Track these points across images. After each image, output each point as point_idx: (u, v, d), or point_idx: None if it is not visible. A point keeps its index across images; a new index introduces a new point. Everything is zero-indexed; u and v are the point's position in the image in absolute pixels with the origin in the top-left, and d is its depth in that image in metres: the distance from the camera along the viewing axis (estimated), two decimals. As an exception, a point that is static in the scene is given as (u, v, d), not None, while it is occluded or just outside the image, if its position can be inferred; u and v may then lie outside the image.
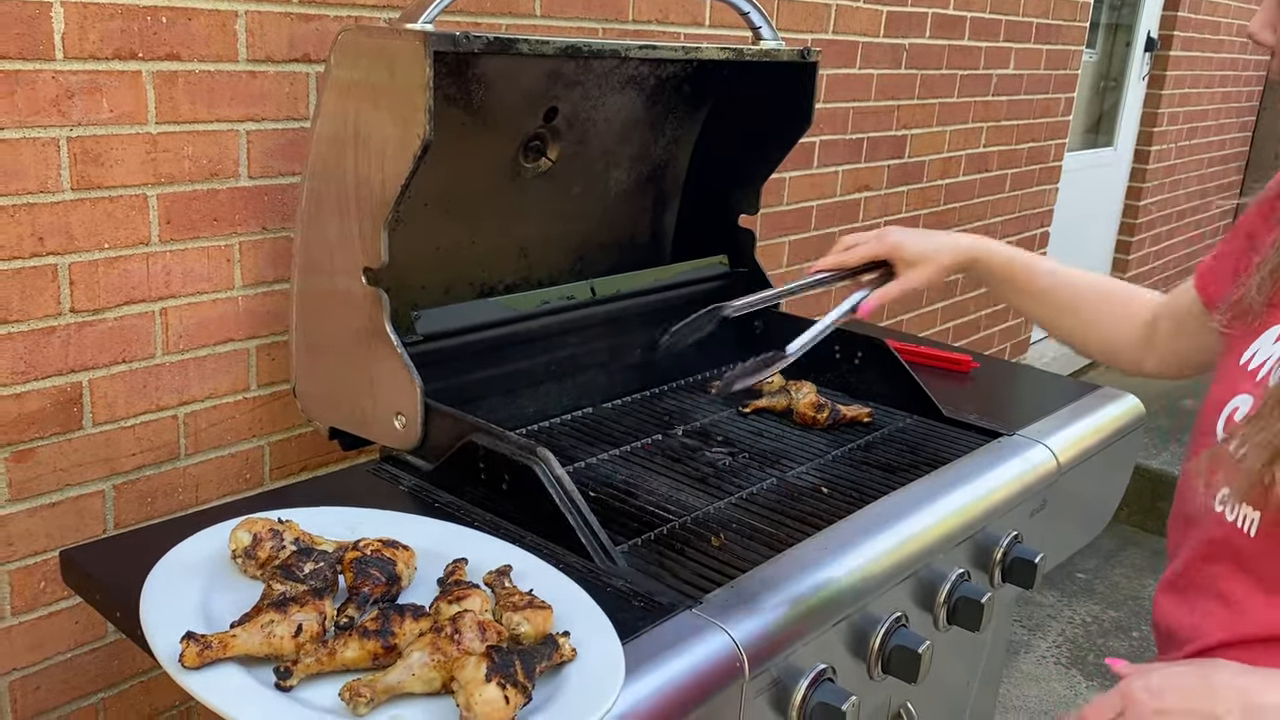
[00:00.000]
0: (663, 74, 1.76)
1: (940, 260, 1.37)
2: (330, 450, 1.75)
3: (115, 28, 1.38)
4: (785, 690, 1.19)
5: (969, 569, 1.48)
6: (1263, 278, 1.07)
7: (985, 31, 3.23)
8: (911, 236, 1.38)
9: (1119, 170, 4.99)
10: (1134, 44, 4.75)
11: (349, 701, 0.92)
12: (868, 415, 1.75)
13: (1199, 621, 1.11)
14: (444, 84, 1.46)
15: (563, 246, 1.83)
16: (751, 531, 1.37)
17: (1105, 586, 3.62)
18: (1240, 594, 1.07)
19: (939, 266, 1.37)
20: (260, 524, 1.12)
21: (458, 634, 0.96)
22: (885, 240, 1.38)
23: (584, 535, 1.26)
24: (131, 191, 1.45)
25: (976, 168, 3.44)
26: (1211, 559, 1.10)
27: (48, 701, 1.53)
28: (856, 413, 1.75)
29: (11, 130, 1.32)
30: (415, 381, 1.37)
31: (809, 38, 2.54)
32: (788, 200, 2.65)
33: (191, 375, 1.57)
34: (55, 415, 1.44)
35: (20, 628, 1.48)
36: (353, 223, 1.37)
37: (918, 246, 1.37)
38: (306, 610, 0.98)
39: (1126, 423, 1.90)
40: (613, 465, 1.57)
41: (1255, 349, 1.07)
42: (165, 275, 1.51)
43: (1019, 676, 3.09)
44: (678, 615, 1.15)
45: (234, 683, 0.93)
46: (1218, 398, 1.09)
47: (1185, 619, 1.14)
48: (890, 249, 1.38)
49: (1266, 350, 1.06)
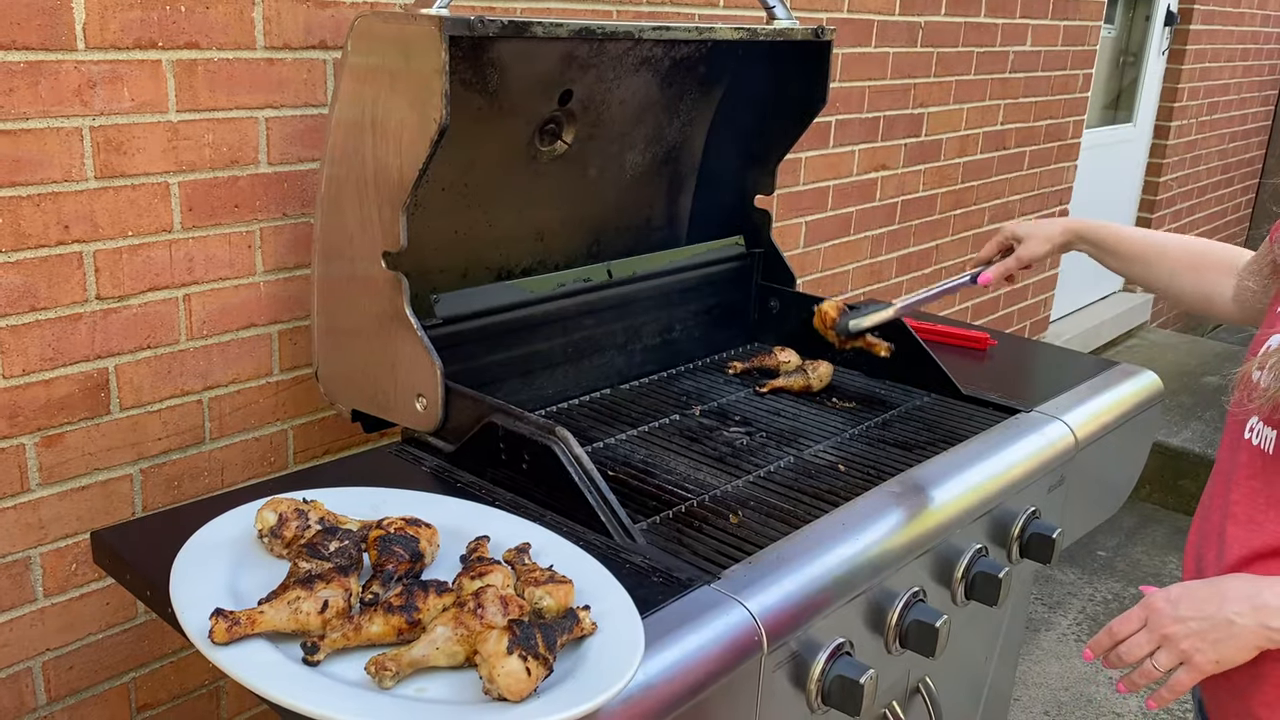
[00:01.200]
0: (677, 55, 1.76)
1: (1047, 232, 1.60)
2: (353, 432, 1.77)
3: (135, 18, 1.40)
4: (804, 663, 1.20)
5: (987, 544, 1.49)
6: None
7: (1002, 8, 3.21)
8: (1023, 222, 1.65)
9: (1139, 147, 4.95)
10: (1153, 18, 4.70)
11: (375, 675, 0.94)
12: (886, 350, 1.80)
13: (1219, 543, 1.20)
14: (460, 68, 1.47)
15: (579, 229, 1.85)
16: (769, 509, 1.39)
17: (1126, 564, 3.62)
18: (1257, 511, 1.15)
19: (1046, 238, 1.60)
20: (286, 504, 1.15)
21: (480, 608, 0.98)
22: (1000, 232, 1.67)
23: (603, 513, 1.27)
24: (154, 179, 1.47)
25: (994, 145, 3.42)
26: (1235, 483, 1.18)
27: (80, 681, 1.56)
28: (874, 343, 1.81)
29: (36, 120, 1.34)
30: (435, 364, 1.39)
31: (824, 16, 2.54)
32: (804, 180, 2.65)
33: (215, 360, 1.59)
34: (83, 400, 1.47)
35: (53, 609, 1.51)
36: (372, 208, 1.38)
37: (1027, 226, 1.63)
38: (332, 587, 1.00)
39: (1145, 398, 1.89)
40: (631, 445, 1.59)
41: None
42: (188, 262, 1.53)
43: (1040, 654, 3.09)
44: (696, 590, 1.16)
45: (262, 658, 0.95)
46: (1260, 337, 1.17)
47: (1208, 546, 1.22)
48: (1006, 235, 1.65)
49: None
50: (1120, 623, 1.17)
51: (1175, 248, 1.51)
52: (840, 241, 2.85)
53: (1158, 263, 1.52)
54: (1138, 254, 1.54)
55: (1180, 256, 1.50)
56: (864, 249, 2.95)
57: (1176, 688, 1.13)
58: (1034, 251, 1.61)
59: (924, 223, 3.18)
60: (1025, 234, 1.62)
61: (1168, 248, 1.52)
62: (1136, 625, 1.15)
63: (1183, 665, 1.13)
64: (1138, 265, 1.54)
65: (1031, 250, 1.61)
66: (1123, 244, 1.56)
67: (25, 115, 1.33)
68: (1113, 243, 1.56)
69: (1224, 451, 1.25)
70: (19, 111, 1.32)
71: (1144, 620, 1.15)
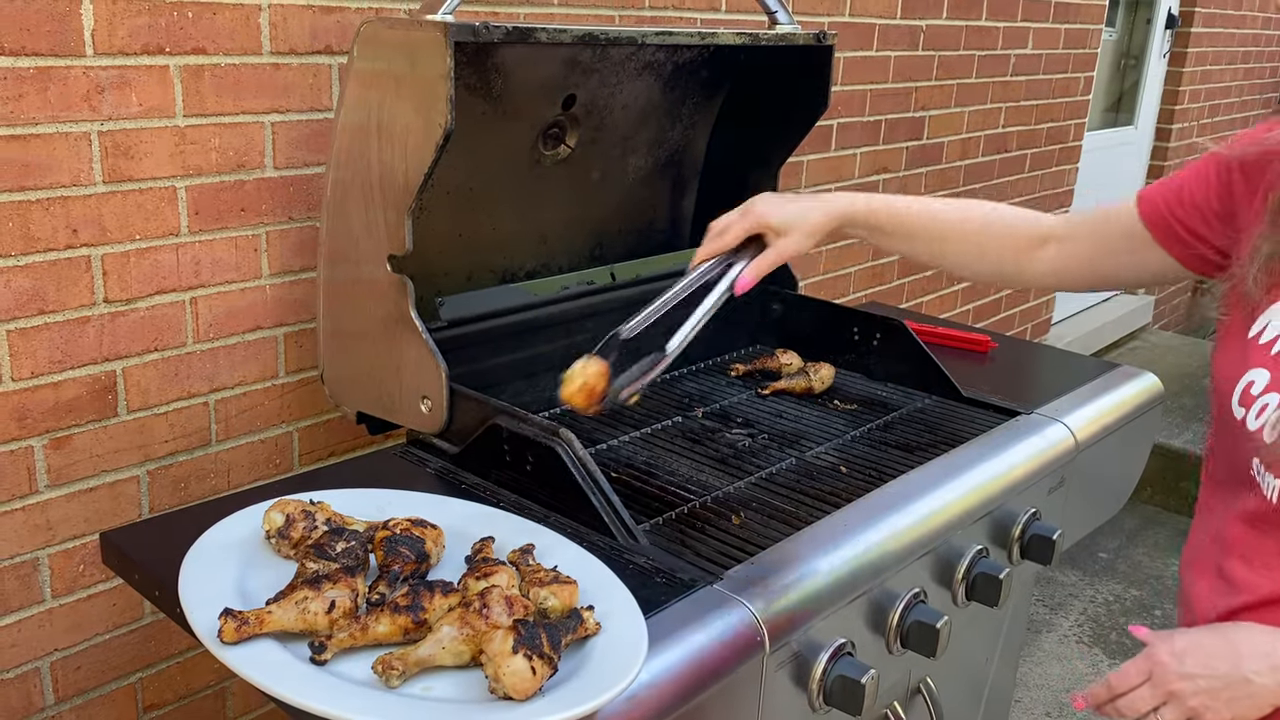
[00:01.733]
0: (679, 60, 1.77)
1: (810, 221, 1.31)
2: (358, 434, 1.78)
3: (143, 23, 1.41)
4: (805, 664, 1.21)
5: (987, 545, 1.50)
6: (1258, 270, 1.08)
7: (1003, 11, 3.22)
8: (776, 204, 1.31)
9: (1140, 149, 4.96)
10: (1154, 21, 4.71)
11: (382, 674, 0.95)
12: None
13: (1222, 587, 1.13)
14: (464, 74, 1.48)
15: (582, 232, 1.86)
16: (771, 510, 1.40)
17: (1127, 566, 3.63)
18: (1265, 554, 1.09)
19: (809, 229, 1.31)
20: (293, 505, 1.16)
21: (486, 608, 0.99)
22: (751, 214, 1.32)
23: (606, 514, 1.29)
24: (161, 183, 1.48)
25: (996, 148, 3.43)
26: (1239, 521, 1.12)
27: (88, 681, 1.57)
28: None
29: (45, 125, 1.35)
30: (440, 366, 1.40)
31: (825, 20, 2.55)
32: (806, 183, 2.66)
33: (221, 363, 1.61)
34: (91, 403, 1.48)
35: (60, 610, 1.52)
36: (377, 211, 1.40)
37: (783, 213, 1.31)
38: (340, 587, 1.01)
39: (1145, 401, 1.90)
40: (634, 447, 1.60)
41: (1265, 322, 1.08)
42: (195, 265, 1.54)
43: (1041, 655, 3.10)
44: (699, 590, 1.17)
45: (271, 657, 0.96)
46: (1228, 375, 1.11)
47: (1211, 584, 1.15)
48: (757, 221, 1.31)
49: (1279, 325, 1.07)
50: (1119, 677, 1.10)
51: (973, 221, 1.35)
52: (842, 244, 2.86)
53: (951, 240, 1.35)
54: (922, 231, 1.34)
55: (978, 230, 1.34)
56: (866, 252, 2.96)
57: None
58: (798, 248, 1.32)
59: (925, 225, 3.18)
60: (782, 224, 1.31)
61: (964, 222, 1.34)
62: (1138, 680, 1.08)
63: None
64: (924, 243, 1.35)
65: (795, 247, 1.31)
66: (904, 223, 1.35)
67: (34, 120, 1.34)
68: (890, 223, 1.34)
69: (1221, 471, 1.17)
70: (28, 116, 1.34)
71: (1147, 674, 1.08)
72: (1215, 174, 1.15)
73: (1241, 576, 1.11)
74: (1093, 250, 1.28)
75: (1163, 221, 1.20)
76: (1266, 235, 1.07)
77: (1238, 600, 1.10)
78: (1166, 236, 1.19)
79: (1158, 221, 1.20)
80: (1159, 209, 1.20)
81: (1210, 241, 1.16)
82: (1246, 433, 1.07)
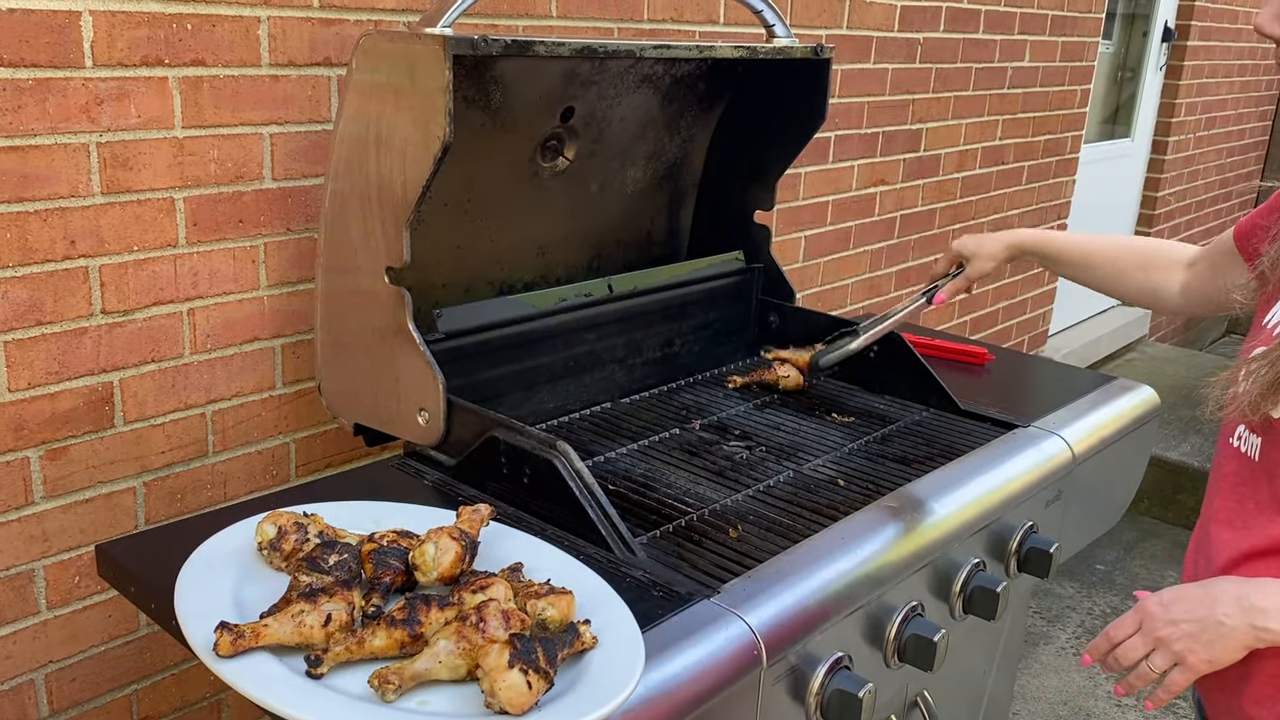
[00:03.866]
0: (678, 73, 1.78)
1: (991, 250, 1.66)
2: (355, 446, 1.78)
3: (142, 35, 1.41)
4: (803, 677, 1.21)
5: (985, 559, 1.50)
6: (1275, 253, 1.20)
7: (1000, 24, 3.24)
8: (970, 239, 1.69)
9: (1137, 161, 4.97)
10: (1151, 34, 4.73)
11: (378, 688, 0.95)
12: None
13: (1209, 547, 1.24)
14: (463, 86, 1.48)
15: (580, 244, 1.86)
16: (769, 523, 1.39)
17: (1125, 578, 3.62)
18: (1245, 514, 1.19)
19: (991, 253, 1.66)
20: (285, 517, 1.15)
21: (483, 622, 0.99)
22: (951, 248, 1.71)
23: (604, 527, 1.28)
24: (159, 195, 1.48)
25: (993, 160, 3.44)
26: (1224, 490, 1.22)
27: (83, 693, 1.57)
28: None
29: (44, 136, 1.36)
30: (438, 378, 1.40)
31: (823, 33, 2.56)
32: (804, 195, 2.66)
33: (219, 374, 1.60)
34: (87, 414, 1.48)
35: (56, 621, 1.52)
36: (375, 223, 1.40)
37: (975, 242, 1.68)
38: (336, 600, 1.01)
39: (1142, 414, 1.91)
40: (631, 459, 1.60)
41: (1276, 311, 1.18)
42: (193, 276, 1.54)
43: (1038, 667, 3.10)
44: (696, 604, 1.17)
45: (266, 670, 0.96)
46: (1246, 348, 1.20)
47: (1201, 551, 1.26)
48: (957, 252, 1.70)
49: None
50: (1115, 627, 1.21)
51: (1122, 250, 1.58)
52: (839, 256, 2.87)
53: (1105, 266, 1.58)
54: (1082, 260, 1.60)
55: (1125, 257, 1.57)
56: (863, 263, 2.96)
57: (1172, 688, 1.18)
58: (981, 269, 1.67)
59: (923, 237, 3.19)
60: (971, 252, 1.68)
61: (1115, 252, 1.58)
62: (1131, 629, 1.19)
63: (1177, 666, 1.17)
64: (1084, 270, 1.61)
65: (979, 268, 1.67)
66: (1066, 252, 1.62)
67: (33, 131, 1.35)
68: (1055, 252, 1.63)
69: (1216, 460, 1.29)
70: (27, 128, 1.34)
71: (1138, 624, 1.19)
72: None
73: (1226, 537, 1.21)
74: (1209, 273, 1.44)
75: (1246, 243, 1.32)
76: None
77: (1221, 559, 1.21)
78: (1250, 256, 1.30)
79: (1243, 244, 1.33)
80: (1245, 232, 1.33)
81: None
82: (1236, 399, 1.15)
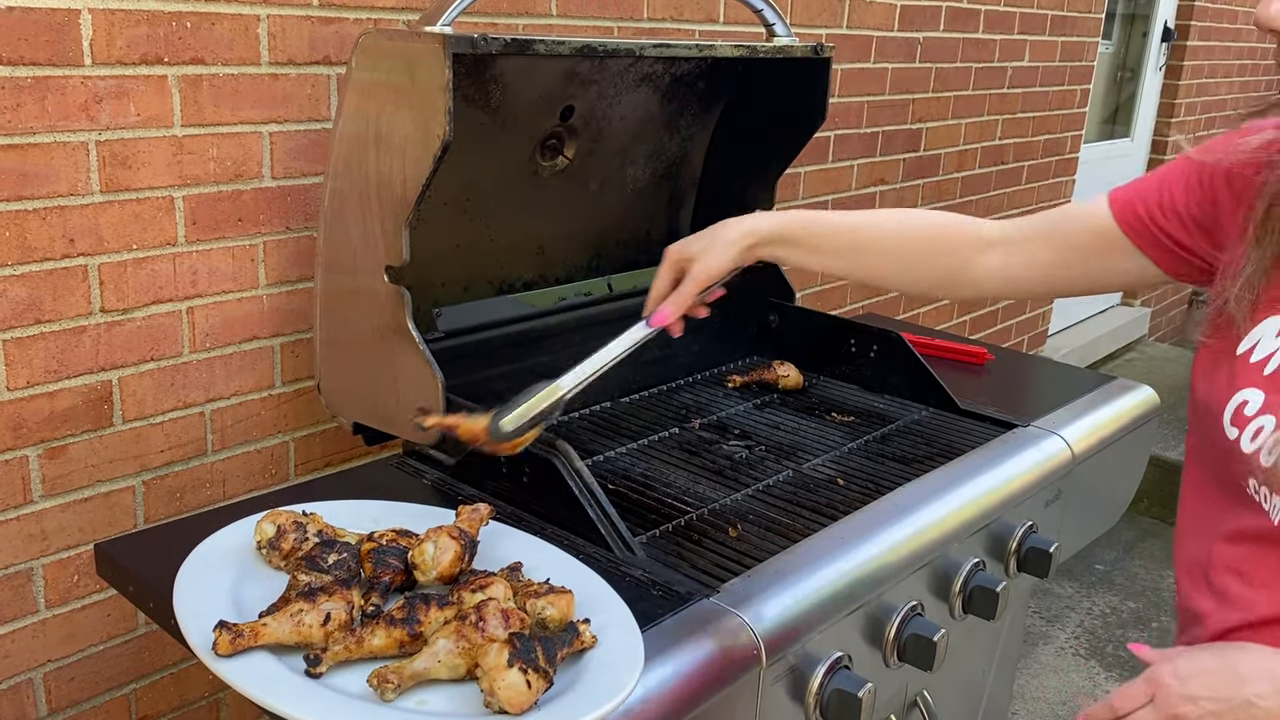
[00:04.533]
0: (677, 72, 1.77)
1: (725, 237, 1.25)
2: (354, 445, 1.78)
3: (141, 33, 1.41)
4: (802, 677, 1.21)
5: (984, 558, 1.50)
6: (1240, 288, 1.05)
7: (1000, 24, 3.23)
8: (692, 236, 1.28)
9: (1136, 161, 4.97)
10: (1151, 34, 4.73)
11: (377, 688, 0.95)
12: None
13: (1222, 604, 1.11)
14: (463, 85, 1.48)
15: (580, 244, 1.86)
16: (768, 522, 1.39)
17: (1124, 578, 3.62)
18: (1264, 577, 1.07)
19: (723, 244, 1.24)
20: (284, 516, 1.15)
21: (482, 621, 0.99)
22: (667, 257, 1.28)
23: (603, 526, 1.28)
24: (159, 193, 1.48)
25: (992, 160, 3.44)
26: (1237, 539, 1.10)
27: (81, 693, 1.56)
28: None
29: (43, 135, 1.35)
30: (437, 377, 1.40)
31: (823, 32, 2.55)
32: (803, 195, 2.66)
33: (218, 373, 1.60)
34: (86, 413, 1.48)
35: (54, 620, 1.52)
36: (374, 222, 1.40)
37: (698, 241, 1.27)
38: (335, 599, 1.01)
39: (1141, 413, 1.91)
40: (631, 458, 1.60)
41: (1254, 340, 1.05)
42: (192, 275, 1.54)
43: (1038, 667, 3.10)
44: (696, 604, 1.17)
45: (265, 670, 0.96)
46: (1217, 394, 1.07)
47: (1208, 603, 1.13)
48: (675, 259, 1.27)
49: (1270, 344, 1.04)
50: (1122, 697, 1.06)
51: (905, 233, 1.28)
52: (839, 255, 2.86)
53: (884, 254, 1.28)
54: (850, 247, 1.28)
55: (910, 242, 1.28)
56: (863, 263, 2.96)
57: None
58: (711, 266, 1.24)
59: (922, 237, 3.19)
60: (698, 249, 1.26)
61: (896, 236, 1.28)
62: (1140, 701, 1.05)
63: None
64: (855, 259, 1.28)
65: (708, 266, 1.24)
66: (827, 238, 1.28)
67: (32, 130, 1.34)
68: (811, 238, 1.27)
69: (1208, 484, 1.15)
70: (26, 126, 1.34)
71: (1149, 696, 1.05)
72: (1198, 181, 1.12)
73: (1239, 593, 1.09)
74: (1054, 256, 1.22)
75: (1143, 227, 1.16)
76: (1249, 252, 1.04)
77: (1235, 617, 1.09)
78: (1149, 243, 1.16)
79: (1138, 227, 1.16)
80: (1138, 214, 1.16)
81: (1192, 250, 1.14)
82: (1241, 454, 1.05)
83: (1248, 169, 1.06)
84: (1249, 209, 1.06)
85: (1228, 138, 1.10)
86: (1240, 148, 1.07)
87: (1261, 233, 1.04)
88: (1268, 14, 0.94)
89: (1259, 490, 1.06)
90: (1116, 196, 1.19)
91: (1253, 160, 1.06)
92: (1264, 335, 1.05)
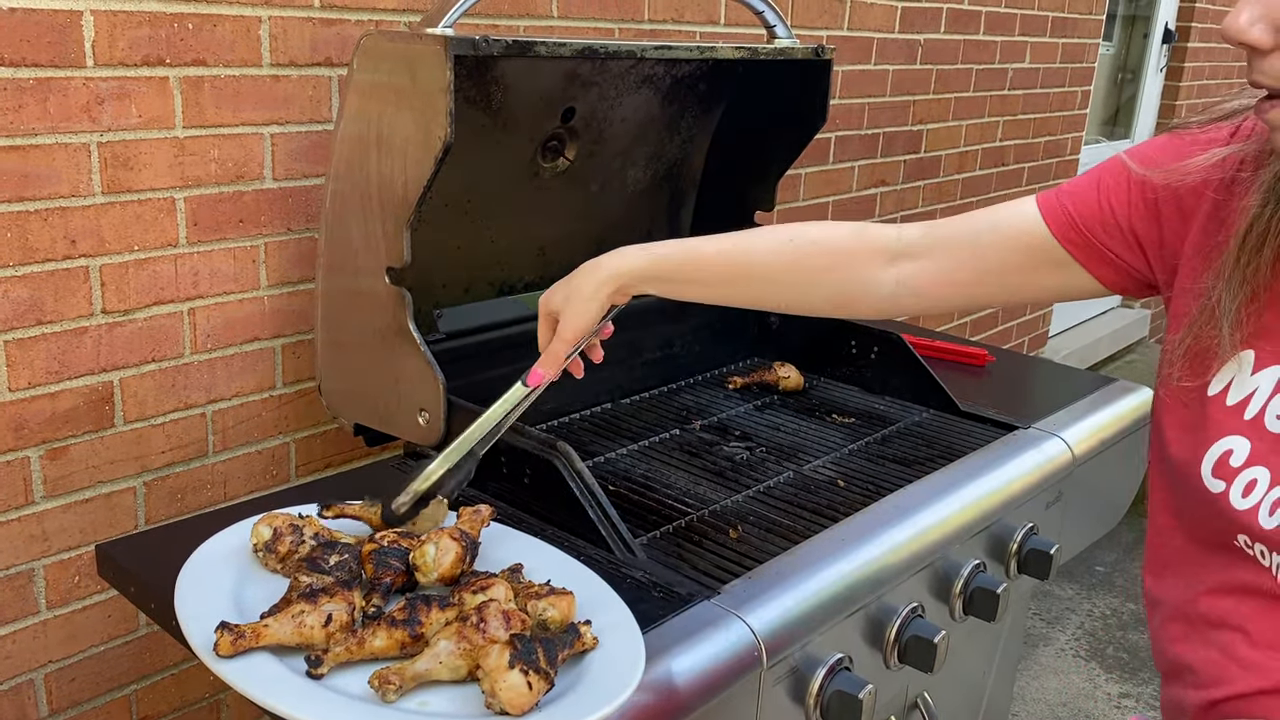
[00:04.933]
0: (678, 73, 1.78)
1: (583, 291, 1.15)
2: (355, 446, 1.78)
3: (143, 35, 1.41)
4: (803, 679, 1.21)
5: (985, 560, 1.50)
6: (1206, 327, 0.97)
7: (1001, 26, 3.24)
8: (561, 284, 1.18)
9: (1137, 163, 4.97)
10: (1151, 36, 4.73)
11: (378, 689, 0.95)
12: None
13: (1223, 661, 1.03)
14: (464, 86, 1.48)
15: (581, 245, 1.85)
16: (769, 524, 1.39)
17: (1125, 579, 3.62)
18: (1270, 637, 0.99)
19: (583, 299, 1.15)
20: (281, 519, 1.15)
21: (483, 623, 0.99)
22: (540, 308, 1.20)
23: (604, 528, 1.28)
24: (160, 194, 1.48)
25: (993, 162, 3.44)
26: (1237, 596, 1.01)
27: (82, 693, 1.57)
28: None
29: (44, 136, 1.36)
30: (438, 378, 1.40)
31: (824, 34, 2.56)
32: (804, 196, 2.66)
33: (219, 374, 1.60)
34: (88, 414, 1.48)
35: (55, 621, 1.52)
36: (375, 223, 1.40)
37: (559, 293, 1.17)
38: (336, 601, 1.01)
39: (1142, 415, 1.91)
40: (631, 460, 1.60)
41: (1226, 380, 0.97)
42: (193, 276, 1.54)
43: (1038, 669, 3.10)
44: (696, 605, 1.17)
45: (267, 671, 0.96)
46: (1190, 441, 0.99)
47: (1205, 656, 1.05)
48: (545, 310, 1.19)
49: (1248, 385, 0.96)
50: None
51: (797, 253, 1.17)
52: (840, 257, 2.86)
53: (775, 279, 1.18)
54: (731, 276, 1.18)
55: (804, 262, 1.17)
56: (863, 264, 2.96)
57: None
58: (576, 325, 1.15)
59: (923, 238, 3.19)
60: (559, 303, 1.17)
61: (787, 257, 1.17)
62: None
63: None
64: (741, 288, 1.19)
65: (574, 323, 1.15)
66: (705, 269, 1.18)
67: (34, 131, 1.35)
68: (683, 271, 1.17)
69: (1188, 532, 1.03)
70: (28, 127, 1.34)
71: None
72: (1140, 196, 1.04)
73: (1246, 655, 1.00)
74: (974, 267, 1.12)
75: (1084, 241, 1.06)
76: (1214, 285, 0.96)
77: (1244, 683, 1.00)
78: (1092, 257, 1.07)
79: (1078, 241, 1.07)
80: (1076, 226, 1.07)
81: (1134, 265, 1.06)
82: (1230, 510, 0.96)
83: (1204, 188, 0.99)
84: (1203, 230, 0.99)
85: (1173, 149, 1.03)
86: (1189, 168, 1.00)
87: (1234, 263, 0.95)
88: (1236, 25, 0.86)
89: (1252, 546, 0.97)
90: (1050, 206, 1.09)
91: (1207, 180, 0.99)
92: (1236, 373, 0.97)
